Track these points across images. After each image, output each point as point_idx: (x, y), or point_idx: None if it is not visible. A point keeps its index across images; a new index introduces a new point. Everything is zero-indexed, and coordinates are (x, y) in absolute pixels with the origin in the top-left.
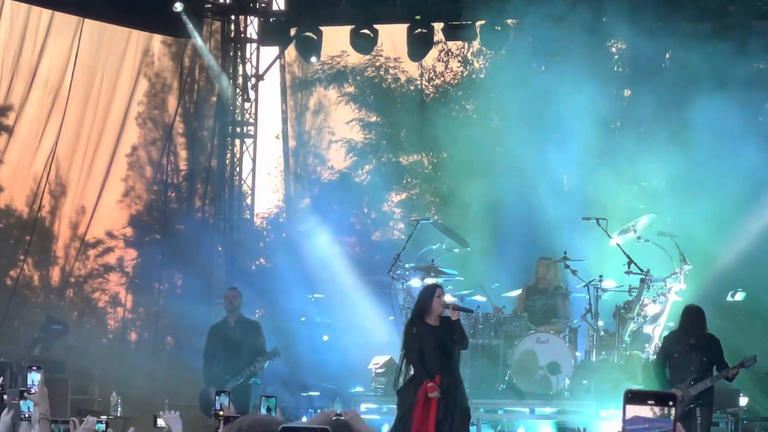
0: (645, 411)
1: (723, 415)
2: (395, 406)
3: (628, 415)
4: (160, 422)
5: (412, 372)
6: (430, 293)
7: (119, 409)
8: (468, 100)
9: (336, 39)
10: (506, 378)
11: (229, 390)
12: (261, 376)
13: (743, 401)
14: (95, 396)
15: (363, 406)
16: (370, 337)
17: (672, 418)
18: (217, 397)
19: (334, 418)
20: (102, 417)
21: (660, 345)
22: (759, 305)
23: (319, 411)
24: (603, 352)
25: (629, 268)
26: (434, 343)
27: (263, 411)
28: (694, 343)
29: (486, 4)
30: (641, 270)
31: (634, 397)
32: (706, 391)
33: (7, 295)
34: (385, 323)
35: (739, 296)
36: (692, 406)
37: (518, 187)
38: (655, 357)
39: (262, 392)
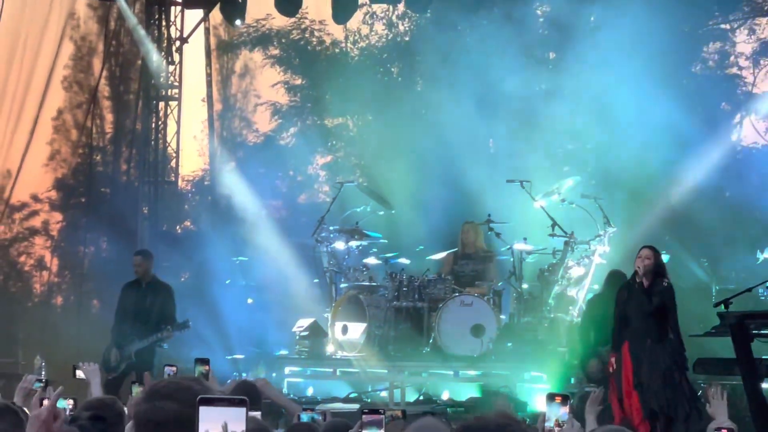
0: None
1: None
2: (319, 369)
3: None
4: (79, 373)
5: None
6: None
7: (43, 372)
8: (393, 63)
9: (261, 2)
10: (431, 341)
11: (134, 351)
12: (185, 338)
13: None
14: (19, 359)
15: (287, 369)
16: (294, 300)
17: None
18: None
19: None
20: (41, 377)
21: (584, 308)
22: (683, 268)
23: (235, 377)
24: (527, 315)
25: (553, 230)
26: (635, 304)
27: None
28: None
29: None
30: (565, 232)
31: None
32: None
33: None
34: (309, 286)
35: (663, 259)
36: None
37: (443, 150)
38: (579, 320)
39: (185, 355)
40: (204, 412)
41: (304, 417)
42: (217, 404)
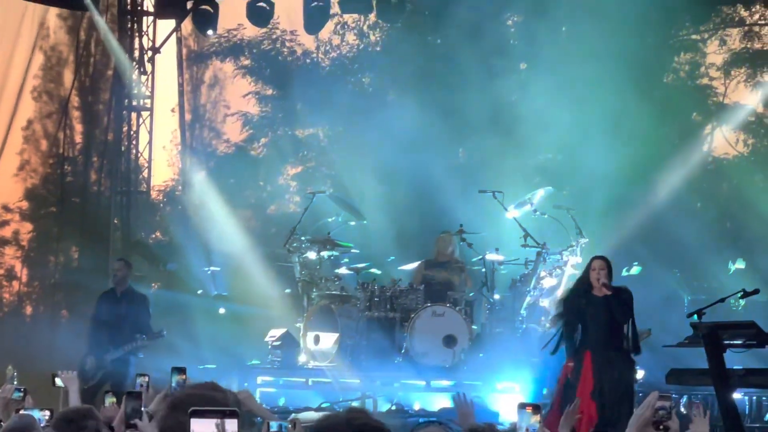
0: None
1: None
2: (291, 379)
3: None
4: (58, 381)
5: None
6: (587, 265)
7: (15, 382)
8: (364, 73)
9: (232, 12)
10: (403, 351)
11: (110, 360)
12: (157, 348)
13: (639, 374)
14: None
15: (260, 379)
16: (266, 310)
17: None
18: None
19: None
20: (20, 387)
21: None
22: (655, 279)
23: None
24: (499, 325)
25: (526, 241)
26: (602, 314)
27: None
28: None
29: None
30: (537, 243)
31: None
32: None
33: None
34: (281, 296)
35: (635, 270)
36: None
37: (414, 160)
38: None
39: (157, 364)
40: (195, 424)
41: (273, 426)
42: (208, 416)
